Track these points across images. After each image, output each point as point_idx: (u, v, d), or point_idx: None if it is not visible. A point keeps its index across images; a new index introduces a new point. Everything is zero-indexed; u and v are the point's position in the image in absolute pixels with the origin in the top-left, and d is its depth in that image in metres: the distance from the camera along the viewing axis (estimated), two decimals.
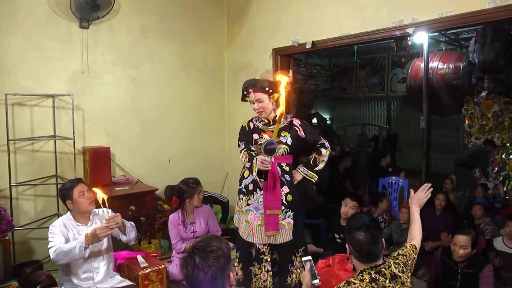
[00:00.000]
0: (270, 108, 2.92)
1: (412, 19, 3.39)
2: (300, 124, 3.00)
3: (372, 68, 9.12)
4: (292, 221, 2.93)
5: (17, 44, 3.94)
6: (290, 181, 2.94)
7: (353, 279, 1.99)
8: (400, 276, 2.02)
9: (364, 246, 2.01)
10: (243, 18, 5.13)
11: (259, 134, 2.94)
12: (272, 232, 2.88)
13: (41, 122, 4.13)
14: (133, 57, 4.68)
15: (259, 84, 2.89)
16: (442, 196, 4.47)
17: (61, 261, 2.60)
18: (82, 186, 2.80)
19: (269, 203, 2.87)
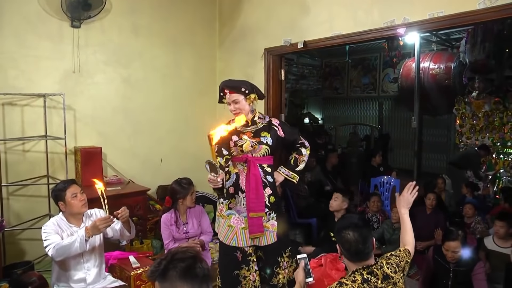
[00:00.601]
0: (247, 109, 2.86)
1: (403, 19, 3.41)
2: (279, 124, 2.97)
3: (364, 68, 9.17)
4: (275, 222, 2.90)
5: (7, 43, 3.91)
6: (273, 182, 2.91)
7: (345, 280, 1.98)
8: (392, 277, 2.01)
9: (353, 245, 2.01)
10: (235, 18, 5.13)
11: (238, 136, 2.88)
12: (257, 234, 2.84)
13: (32, 122, 4.11)
14: (125, 56, 4.66)
15: (235, 84, 2.85)
16: (432, 196, 4.51)
17: (60, 257, 2.56)
18: (75, 187, 2.76)
19: (252, 205, 2.81)
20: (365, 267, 2.01)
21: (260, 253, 2.95)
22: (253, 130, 2.89)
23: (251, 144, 2.82)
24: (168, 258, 1.63)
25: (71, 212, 2.75)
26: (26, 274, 3.44)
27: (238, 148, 2.84)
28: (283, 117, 4.80)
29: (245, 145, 2.83)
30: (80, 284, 2.74)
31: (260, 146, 2.84)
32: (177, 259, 1.60)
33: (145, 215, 4.24)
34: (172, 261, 1.60)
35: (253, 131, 2.88)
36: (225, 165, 2.89)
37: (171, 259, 1.61)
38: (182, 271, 1.57)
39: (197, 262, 1.60)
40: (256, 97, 2.88)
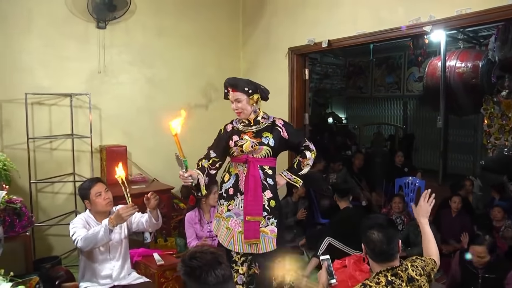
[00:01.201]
0: (249, 110, 2.76)
1: (429, 17, 3.35)
2: (283, 125, 2.82)
3: (388, 67, 9.04)
4: (275, 229, 2.73)
5: (36, 45, 4.02)
6: (273, 185, 2.77)
7: (369, 281, 1.96)
8: (417, 279, 1.97)
9: (378, 245, 1.99)
10: (259, 17, 5.13)
11: (239, 135, 2.79)
12: (252, 240, 2.70)
13: (59, 121, 4.21)
14: (149, 57, 4.72)
15: (238, 83, 2.75)
16: (458, 199, 4.41)
17: (88, 247, 2.58)
18: (99, 186, 2.79)
19: (249, 208, 2.70)
20: (389, 269, 1.98)
21: (253, 267, 2.80)
22: (255, 130, 2.79)
23: (252, 145, 2.72)
24: (186, 260, 1.66)
25: (96, 211, 2.78)
26: (54, 269, 3.52)
27: (238, 148, 2.75)
28: (307, 116, 4.78)
29: (245, 145, 2.73)
30: (106, 280, 2.78)
31: (261, 147, 2.72)
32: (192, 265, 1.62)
33: (169, 214, 4.28)
34: (188, 265, 1.63)
35: (254, 131, 2.78)
36: (212, 167, 2.82)
37: (188, 262, 1.64)
38: (195, 277, 1.60)
39: (212, 268, 1.60)
40: (259, 97, 2.78)
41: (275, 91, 4.82)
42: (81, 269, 2.83)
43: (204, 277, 1.58)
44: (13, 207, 3.04)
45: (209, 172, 2.81)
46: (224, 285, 1.62)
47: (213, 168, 2.83)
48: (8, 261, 2.66)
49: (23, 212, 3.13)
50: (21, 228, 3.10)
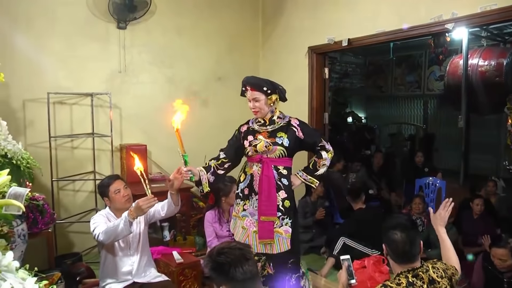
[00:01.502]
0: (266, 109, 2.73)
1: (451, 14, 3.29)
2: (299, 124, 2.78)
3: (409, 66, 8.91)
4: (290, 229, 2.71)
5: (58, 45, 4.09)
6: (288, 186, 2.74)
7: (390, 282, 1.93)
8: (438, 281, 1.93)
9: (400, 246, 1.96)
10: (278, 17, 5.12)
11: (254, 135, 2.78)
12: (266, 240, 2.70)
13: (80, 120, 4.27)
14: (169, 56, 4.76)
15: (257, 82, 2.72)
16: (480, 201, 4.31)
17: (109, 240, 2.59)
18: (118, 183, 2.81)
19: (263, 208, 2.70)
20: (410, 270, 1.95)
21: (267, 270, 2.80)
22: (270, 130, 2.76)
23: (265, 144, 2.70)
24: (213, 255, 1.66)
25: (115, 207, 2.80)
26: (75, 265, 3.58)
27: (253, 148, 2.74)
28: (327, 116, 4.75)
29: (259, 145, 2.72)
30: (127, 276, 2.80)
31: (275, 147, 2.70)
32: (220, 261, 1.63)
33: (189, 212, 4.31)
34: (216, 261, 1.64)
35: (269, 131, 2.75)
36: (219, 167, 2.83)
37: (215, 257, 1.64)
38: (223, 273, 1.61)
39: (239, 264, 1.60)
40: (277, 98, 2.74)
41: (295, 90, 4.83)
42: (101, 266, 2.85)
43: (232, 273, 1.59)
44: (36, 204, 3.10)
45: (215, 172, 2.82)
46: (251, 281, 1.62)
47: (221, 169, 2.84)
48: (31, 256, 2.71)
49: (45, 209, 3.19)
50: (44, 225, 3.15)
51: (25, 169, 2.96)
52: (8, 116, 3.60)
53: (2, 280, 1.00)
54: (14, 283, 1.00)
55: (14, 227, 2.59)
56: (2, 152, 2.87)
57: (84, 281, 3.36)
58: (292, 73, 4.87)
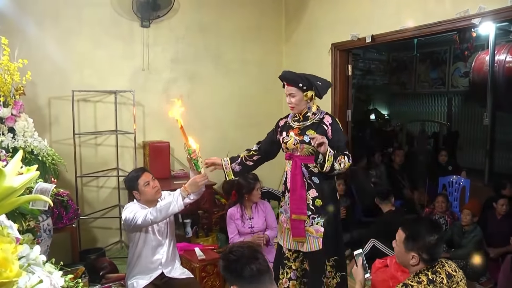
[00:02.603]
0: (302, 105, 2.68)
1: (479, 8, 3.19)
2: (331, 123, 2.69)
3: (433, 62, 8.75)
4: (321, 228, 2.67)
5: (84, 44, 4.15)
6: (319, 185, 2.67)
7: (410, 281, 1.97)
8: (454, 275, 1.99)
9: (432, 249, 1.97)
10: (301, 13, 5.09)
11: (287, 132, 2.75)
12: (297, 238, 2.70)
13: (104, 117, 4.33)
14: (192, 54, 4.78)
15: (293, 77, 2.68)
16: (504, 201, 4.20)
17: (158, 218, 2.58)
18: (146, 175, 2.82)
19: (294, 207, 2.69)
20: (429, 267, 1.99)
21: (305, 265, 2.80)
22: (302, 126, 2.70)
23: (294, 142, 2.67)
24: (224, 254, 1.71)
25: (146, 200, 2.80)
26: (98, 260, 3.64)
27: (284, 145, 2.74)
28: (350, 113, 4.70)
29: (289, 143, 2.69)
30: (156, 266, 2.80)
31: (302, 145, 2.65)
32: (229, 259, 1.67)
33: (211, 209, 4.33)
34: (226, 259, 1.69)
35: (301, 128, 2.70)
36: (249, 158, 2.85)
37: (226, 256, 1.70)
38: (232, 271, 1.65)
39: (247, 262, 1.63)
40: (314, 94, 2.68)
41: None
42: (130, 258, 2.85)
43: (240, 271, 1.63)
44: (60, 200, 3.16)
45: (243, 162, 2.86)
46: (260, 278, 1.65)
47: (250, 160, 2.86)
48: (56, 251, 2.77)
49: (69, 205, 3.25)
50: (68, 220, 3.21)
51: (51, 165, 3.03)
52: (34, 113, 3.68)
53: (31, 273, 1.02)
54: (42, 276, 1.02)
55: (40, 222, 2.64)
56: (29, 149, 2.95)
57: (107, 276, 3.41)
58: (315, 70, 4.78)
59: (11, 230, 1.10)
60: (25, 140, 2.99)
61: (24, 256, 1.06)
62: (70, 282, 1.29)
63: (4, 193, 0.99)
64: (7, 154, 2.73)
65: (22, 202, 1.08)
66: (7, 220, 1.13)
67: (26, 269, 1.03)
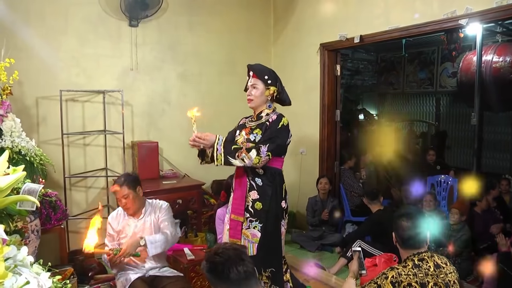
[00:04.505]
0: (260, 100, 2.63)
1: (466, 9, 3.24)
2: (273, 121, 2.60)
3: (421, 63, 8.82)
4: (258, 233, 2.54)
5: (71, 43, 4.12)
6: (262, 187, 2.56)
7: (396, 266, 2.07)
8: (443, 267, 2.04)
9: (406, 231, 2.09)
10: (290, 13, 5.10)
11: (240, 130, 2.73)
12: (233, 239, 2.61)
13: (92, 117, 4.30)
14: (181, 53, 4.77)
15: (261, 69, 2.65)
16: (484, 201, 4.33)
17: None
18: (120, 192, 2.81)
19: (234, 207, 2.64)
20: (415, 254, 2.07)
21: None
22: (253, 125, 2.67)
23: (242, 141, 2.64)
24: (209, 256, 1.67)
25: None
26: (87, 261, 3.61)
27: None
28: (338, 113, 4.73)
29: (239, 141, 2.67)
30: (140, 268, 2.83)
31: (248, 144, 2.58)
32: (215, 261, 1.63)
33: (200, 209, 4.32)
34: (211, 261, 1.65)
35: (253, 127, 2.67)
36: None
37: (211, 258, 1.66)
38: (217, 273, 1.62)
39: (234, 264, 1.60)
40: (275, 91, 2.61)
41: (307, 87, 4.83)
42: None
43: (226, 273, 1.59)
44: (49, 201, 3.12)
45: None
46: (246, 281, 1.62)
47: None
48: (44, 252, 2.75)
49: (58, 206, 3.21)
50: (56, 221, 3.17)
51: (38, 166, 3.00)
52: (22, 113, 3.66)
53: (18, 274, 1.01)
54: (29, 277, 1.01)
55: (28, 222, 2.61)
56: (16, 149, 2.91)
57: (96, 277, 3.39)
58: (304, 70, 4.85)
59: None
60: (13, 140, 2.95)
61: (11, 257, 1.05)
62: (58, 283, 1.28)
63: None
64: None
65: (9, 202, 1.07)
66: None
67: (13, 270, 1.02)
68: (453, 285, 2.02)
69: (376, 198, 4.21)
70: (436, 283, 1.97)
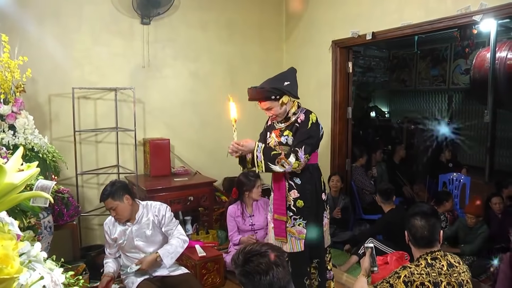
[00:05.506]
0: (283, 111, 2.64)
1: (480, 5, 3.19)
2: (302, 121, 2.64)
3: (433, 59, 8.72)
4: (303, 230, 2.63)
5: (84, 41, 4.14)
6: (301, 186, 2.63)
7: (409, 264, 2.06)
8: (456, 266, 2.03)
9: (419, 231, 2.09)
10: (302, 10, 5.08)
11: (270, 132, 2.77)
12: (279, 238, 2.68)
13: (104, 114, 4.33)
14: (193, 51, 4.78)
15: (262, 94, 2.65)
16: (497, 200, 4.20)
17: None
18: (108, 203, 2.83)
19: (275, 207, 2.70)
20: (428, 253, 2.06)
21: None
22: (283, 127, 2.70)
23: (274, 144, 2.69)
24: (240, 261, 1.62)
25: None
26: (99, 257, 3.65)
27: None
28: (350, 110, 4.70)
29: (271, 144, 2.72)
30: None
31: (281, 146, 2.64)
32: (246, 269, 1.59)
33: (211, 206, 4.33)
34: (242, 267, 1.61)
35: (282, 129, 2.70)
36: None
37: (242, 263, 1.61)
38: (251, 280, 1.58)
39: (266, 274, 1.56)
40: (288, 98, 2.62)
41: (318, 84, 4.80)
42: (122, 260, 2.94)
43: (258, 281, 1.56)
44: (61, 197, 3.16)
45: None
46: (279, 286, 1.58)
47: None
48: (57, 248, 2.78)
49: (70, 202, 3.25)
50: (69, 217, 3.22)
51: (51, 163, 3.04)
52: (35, 110, 3.70)
53: (32, 269, 1.02)
54: (42, 272, 1.02)
55: (41, 219, 2.65)
56: (29, 146, 2.95)
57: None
58: (315, 67, 4.83)
59: (12, 227, 1.10)
60: (26, 137, 2.99)
61: (25, 253, 1.06)
62: (70, 279, 1.29)
63: (5, 190, 0.99)
64: (7, 151, 2.73)
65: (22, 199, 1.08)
66: (8, 217, 1.13)
67: (27, 266, 1.03)
68: (466, 284, 2.01)
69: (390, 198, 4.17)
70: (449, 283, 1.96)
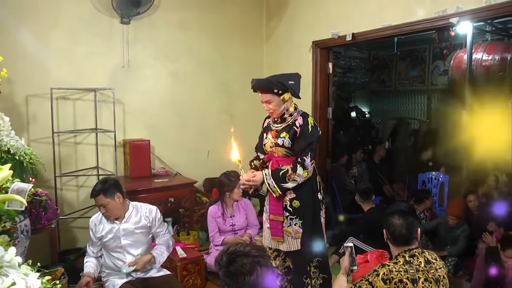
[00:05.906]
0: (282, 109, 2.65)
1: (456, 8, 3.26)
2: (301, 125, 2.64)
3: (413, 61, 8.86)
4: (300, 229, 2.67)
5: (62, 41, 4.07)
6: (297, 185, 2.63)
7: (388, 262, 2.10)
8: (433, 262, 2.08)
9: (397, 229, 2.13)
10: (282, 11, 5.10)
11: (267, 133, 2.78)
12: (275, 237, 2.72)
13: (84, 115, 4.26)
14: (173, 51, 4.75)
15: (266, 85, 2.63)
16: (472, 197, 4.30)
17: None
18: (98, 199, 2.81)
19: (272, 208, 2.73)
20: (406, 250, 2.11)
21: (288, 263, 2.82)
22: (279, 128, 2.71)
23: (271, 145, 2.71)
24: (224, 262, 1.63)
25: None
26: (78, 260, 3.60)
27: (264, 147, 2.77)
28: (330, 111, 4.73)
29: (267, 145, 2.74)
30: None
31: (277, 148, 2.67)
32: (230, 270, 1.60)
33: (192, 207, 4.31)
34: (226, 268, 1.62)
35: (278, 130, 2.71)
36: (264, 166, 2.84)
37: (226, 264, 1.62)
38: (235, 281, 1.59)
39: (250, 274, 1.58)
40: (289, 96, 2.64)
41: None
42: (102, 261, 2.90)
43: (242, 282, 1.58)
44: (39, 200, 3.10)
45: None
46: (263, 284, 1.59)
47: (265, 167, 2.82)
48: (34, 252, 2.73)
49: (48, 205, 3.19)
50: (47, 221, 3.16)
51: (28, 165, 2.97)
52: (11, 111, 3.61)
53: (5, 275, 1.00)
54: (16, 278, 1.00)
55: (17, 223, 2.59)
56: (5, 148, 2.88)
57: None
58: (296, 67, 4.83)
59: None
60: (1, 139, 2.92)
61: None
62: (47, 284, 1.27)
63: None
64: None
65: None
66: None
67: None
68: (443, 279, 2.05)
69: (369, 197, 4.22)
70: (426, 279, 2.00)
